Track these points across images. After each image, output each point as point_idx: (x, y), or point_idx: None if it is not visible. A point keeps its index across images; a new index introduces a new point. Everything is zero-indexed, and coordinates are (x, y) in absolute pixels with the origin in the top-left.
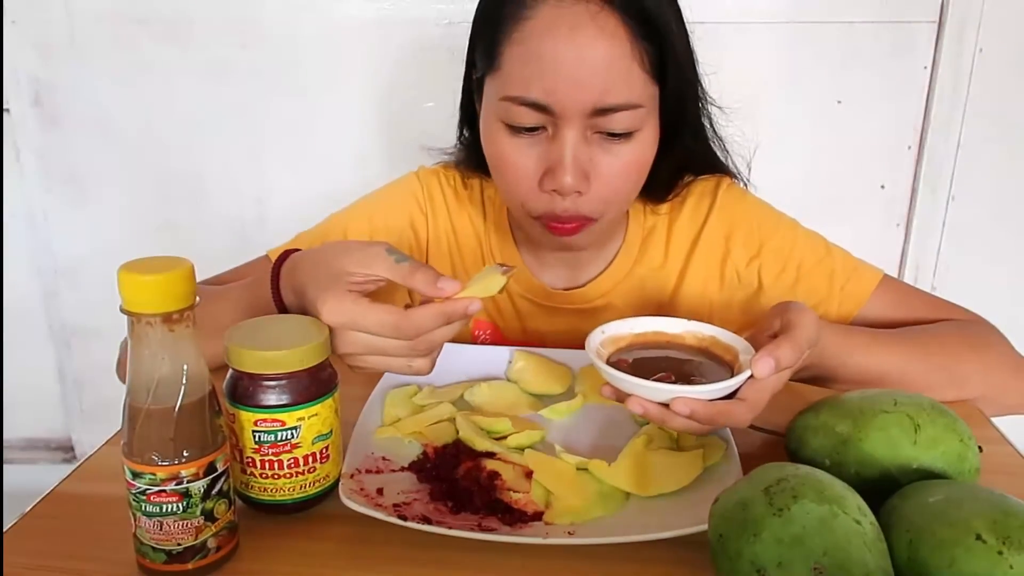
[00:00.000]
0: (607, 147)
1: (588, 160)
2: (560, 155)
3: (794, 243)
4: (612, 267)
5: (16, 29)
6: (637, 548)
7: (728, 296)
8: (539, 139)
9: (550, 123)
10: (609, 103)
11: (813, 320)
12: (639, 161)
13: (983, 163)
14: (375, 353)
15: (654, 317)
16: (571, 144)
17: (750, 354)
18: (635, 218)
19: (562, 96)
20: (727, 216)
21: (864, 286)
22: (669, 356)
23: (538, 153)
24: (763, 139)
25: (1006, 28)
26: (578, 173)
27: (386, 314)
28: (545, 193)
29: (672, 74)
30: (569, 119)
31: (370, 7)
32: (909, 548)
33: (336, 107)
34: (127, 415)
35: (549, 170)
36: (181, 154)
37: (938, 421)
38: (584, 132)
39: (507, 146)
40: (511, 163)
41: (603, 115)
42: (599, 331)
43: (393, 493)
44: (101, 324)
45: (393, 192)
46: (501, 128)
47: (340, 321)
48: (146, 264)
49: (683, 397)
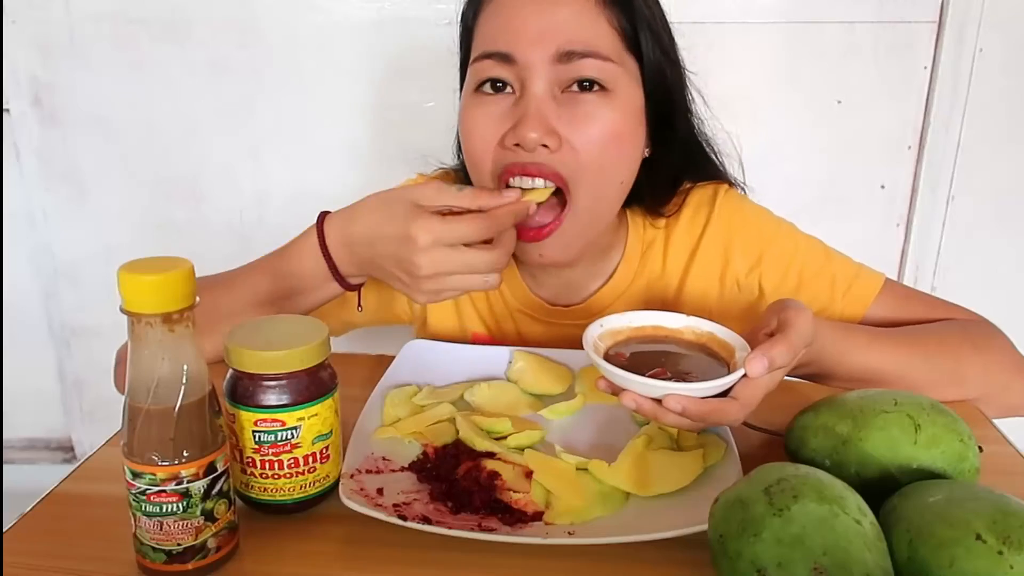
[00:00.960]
0: (578, 102)
1: (555, 116)
2: (524, 109)
3: (795, 251)
4: (612, 281)
5: (16, 29)
6: (637, 548)
7: (728, 304)
8: (506, 101)
9: (516, 79)
10: (572, 47)
11: (809, 319)
12: (615, 130)
13: (983, 163)
14: (460, 270)
15: (653, 311)
16: (536, 96)
17: (746, 352)
18: (635, 232)
19: (524, 44)
20: (725, 225)
21: (867, 291)
22: (666, 351)
23: (503, 113)
24: (763, 139)
25: (1006, 28)
26: (542, 126)
27: (469, 218)
28: (508, 150)
29: (647, 47)
30: (533, 69)
31: (369, 7)
32: (909, 548)
33: (336, 107)
34: (127, 415)
35: (513, 127)
36: (181, 154)
37: (938, 421)
38: (551, 88)
39: (475, 112)
40: (475, 120)
41: (568, 62)
42: (597, 324)
43: (393, 493)
44: (101, 324)
45: None
46: (471, 98)
47: (434, 237)
48: (146, 264)
49: (675, 394)
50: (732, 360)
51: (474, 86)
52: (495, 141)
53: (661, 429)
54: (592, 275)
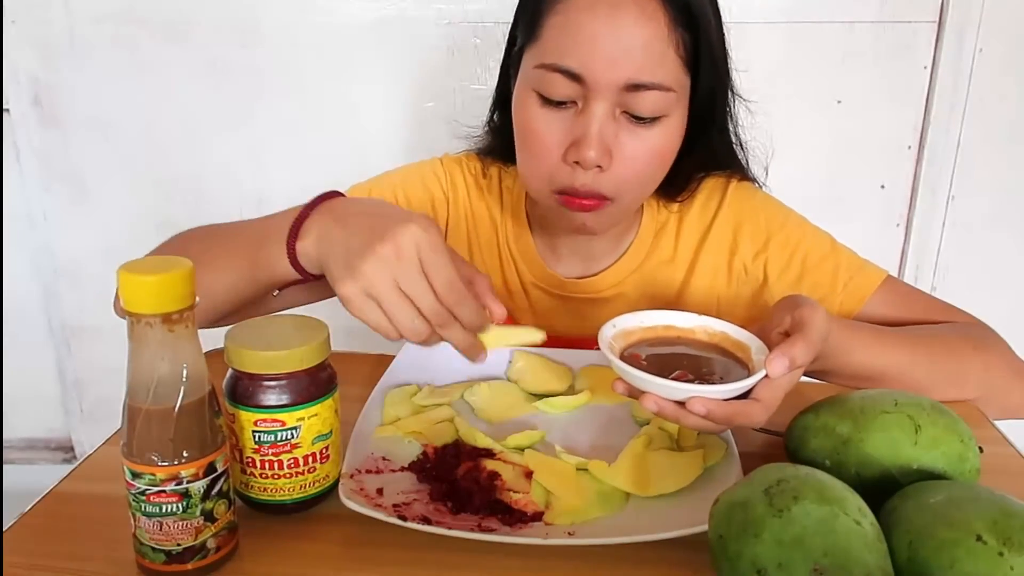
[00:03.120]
0: (633, 129)
1: (613, 137)
2: (586, 128)
3: (801, 238)
4: (624, 259)
5: (16, 29)
6: (637, 548)
7: (735, 290)
8: (568, 113)
9: (580, 96)
10: (641, 80)
11: (824, 316)
12: (662, 149)
13: (983, 163)
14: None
15: (665, 311)
16: (599, 118)
17: (763, 352)
18: (649, 212)
19: (596, 68)
20: (735, 212)
21: (867, 284)
22: (684, 353)
23: (565, 126)
24: (763, 139)
25: (1006, 28)
26: (601, 148)
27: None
28: (567, 166)
29: (705, 66)
30: (600, 92)
31: (370, 7)
32: (909, 549)
33: (336, 107)
34: (127, 415)
35: (574, 142)
36: (181, 154)
37: (939, 422)
38: (613, 110)
39: (536, 115)
40: (538, 132)
41: (634, 92)
42: (610, 325)
43: (393, 493)
44: (101, 324)
45: (418, 171)
46: (533, 97)
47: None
48: (146, 264)
49: (700, 397)
50: (748, 360)
51: (538, 91)
52: (557, 154)
53: (661, 429)
54: (607, 251)
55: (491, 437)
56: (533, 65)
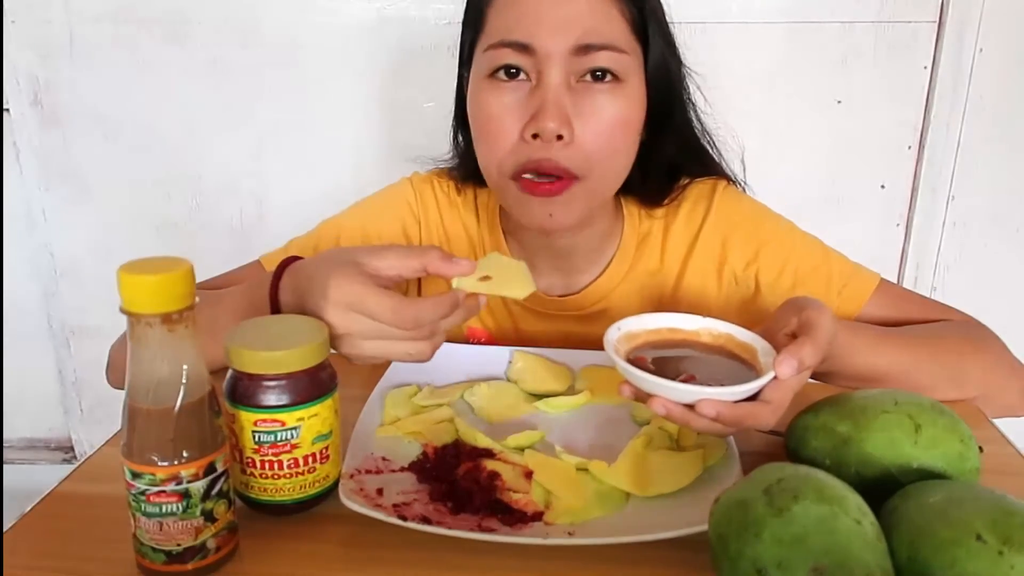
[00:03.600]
0: (592, 94)
1: (572, 106)
2: (543, 98)
3: (792, 247)
4: (608, 272)
5: (16, 29)
6: (637, 548)
7: (725, 299)
8: (522, 88)
9: (532, 68)
10: (591, 40)
11: (831, 317)
12: (625, 117)
13: (983, 163)
14: (375, 337)
15: (669, 313)
16: (554, 87)
17: (769, 354)
18: (630, 222)
19: (543, 35)
20: (724, 219)
21: (861, 290)
22: (686, 355)
23: (520, 103)
24: (763, 139)
25: (1006, 28)
26: (560, 116)
27: (387, 297)
28: (526, 143)
29: (654, 36)
30: (551, 59)
31: (370, 7)
32: (910, 548)
33: (336, 107)
34: (127, 415)
35: (532, 117)
36: (181, 154)
37: (939, 421)
38: (567, 78)
39: (490, 99)
40: (493, 115)
41: (585, 54)
42: (615, 328)
43: (393, 493)
44: (101, 324)
45: (386, 198)
46: (485, 83)
47: (346, 300)
48: (146, 264)
49: (709, 399)
50: (754, 361)
51: (488, 72)
52: (516, 133)
53: (661, 429)
54: (588, 265)
55: (491, 437)
56: (483, 51)
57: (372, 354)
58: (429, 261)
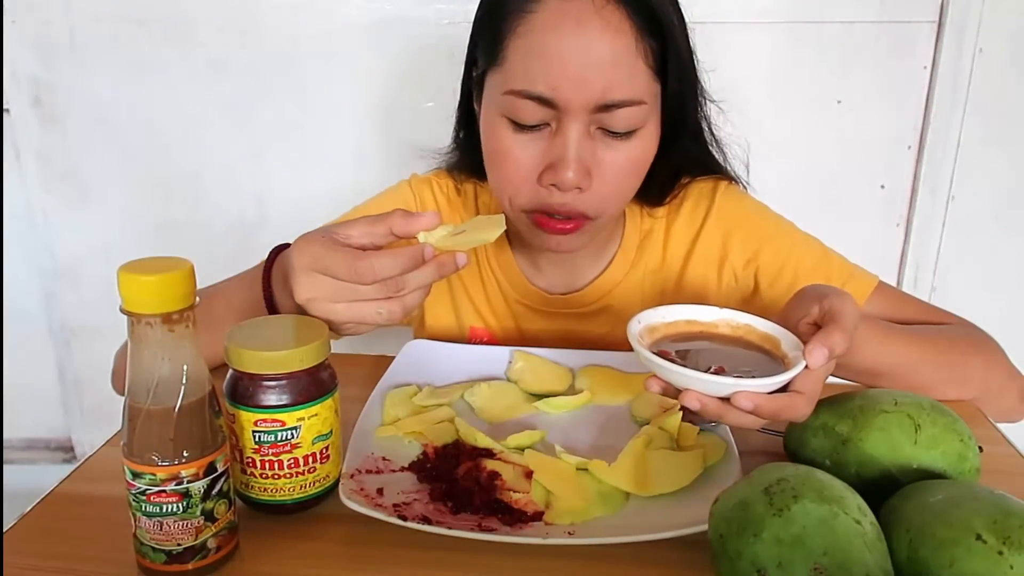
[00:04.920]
0: (609, 143)
1: (591, 156)
2: (563, 150)
3: (792, 247)
4: (609, 270)
5: (16, 29)
6: (637, 548)
7: (725, 298)
8: (542, 135)
9: (553, 118)
10: (614, 99)
11: (854, 305)
12: (640, 159)
13: (983, 163)
14: (342, 298)
15: (686, 305)
16: (575, 139)
17: (794, 344)
18: (632, 221)
19: (567, 91)
20: (725, 218)
21: (860, 291)
22: (710, 348)
23: (539, 149)
24: (763, 139)
25: (1006, 28)
26: (581, 169)
27: (344, 252)
28: (543, 188)
29: (673, 72)
30: (573, 114)
31: (370, 7)
32: (909, 548)
33: (336, 107)
34: (127, 415)
35: (551, 165)
36: (181, 154)
37: (938, 421)
38: (587, 128)
39: (509, 141)
40: (512, 158)
41: (607, 111)
42: (635, 321)
43: (393, 493)
44: (101, 324)
45: (385, 202)
46: (503, 123)
47: (308, 261)
48: (146, 264)
49: (746, 391)
50: (777, 351)
51: (508, 116)
52: (532, 176)
53: (661, 429)
54: (590, 263)
55: (491, 437)
56: (501, 91)
57: (345, 318)
58: (393, 222)
